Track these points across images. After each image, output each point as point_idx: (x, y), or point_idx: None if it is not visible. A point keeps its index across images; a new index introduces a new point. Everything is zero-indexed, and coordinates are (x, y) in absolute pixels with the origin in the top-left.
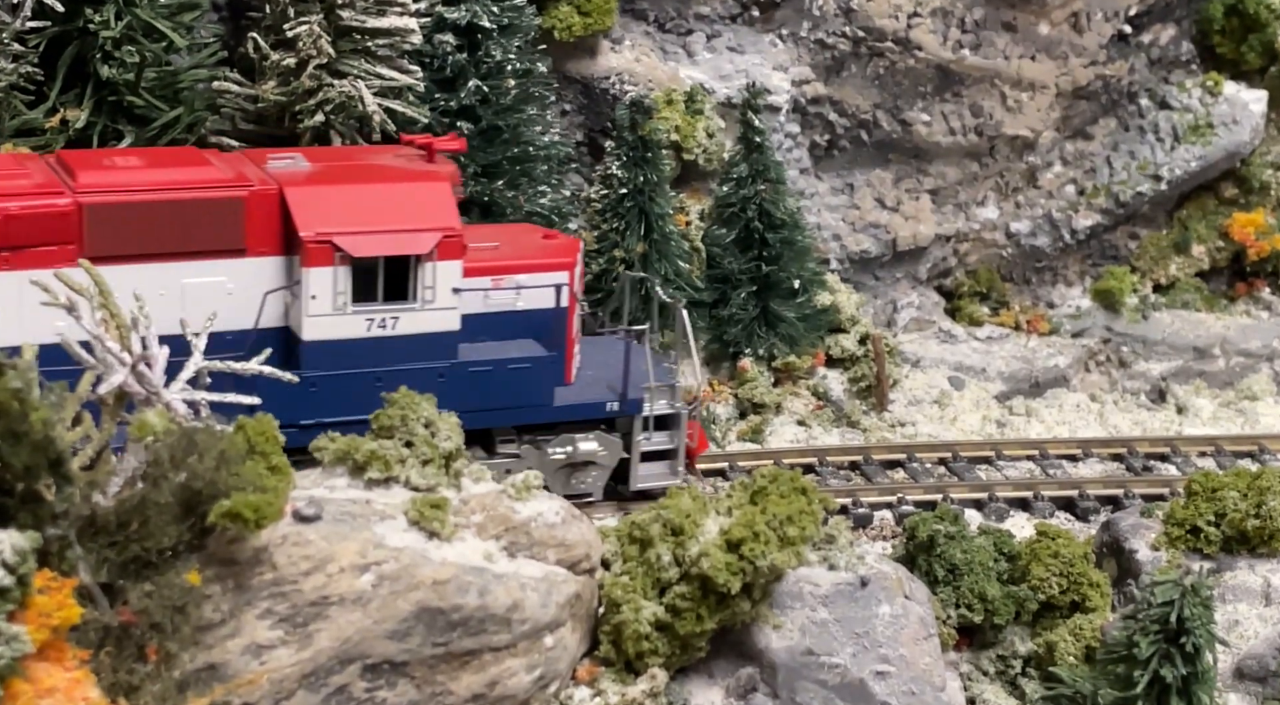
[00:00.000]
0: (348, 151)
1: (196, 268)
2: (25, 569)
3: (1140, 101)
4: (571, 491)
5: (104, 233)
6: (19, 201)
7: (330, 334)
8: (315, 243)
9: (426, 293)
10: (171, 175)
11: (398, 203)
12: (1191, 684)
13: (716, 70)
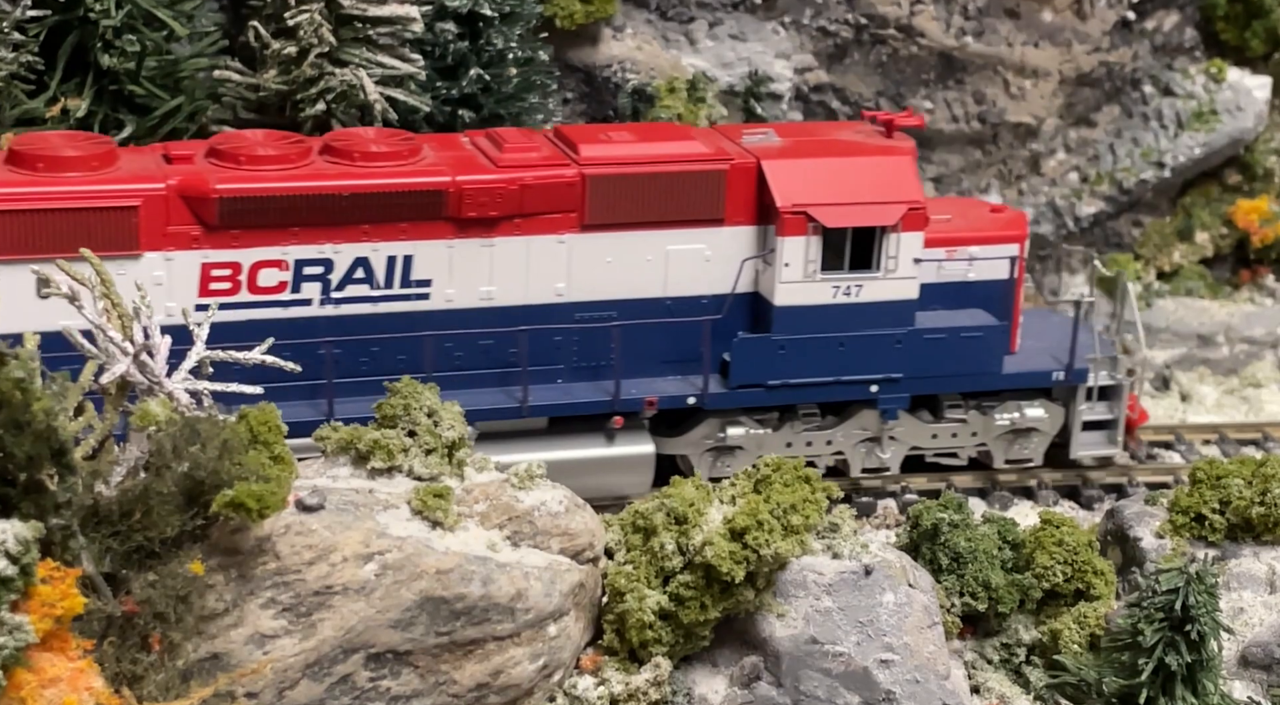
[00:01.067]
0: (813, 127)
1: (679, 236)
2: (28, 559)
3: (1144, 88)
4: (1013, 457)
5: (602, 202)
6: (532, 172)
7: (799, 300)
8: (791, 213)
9: (890, 262)
10: (661, 149)
11: (865, 176)
12: (1196, 672)
13: (719, 58)
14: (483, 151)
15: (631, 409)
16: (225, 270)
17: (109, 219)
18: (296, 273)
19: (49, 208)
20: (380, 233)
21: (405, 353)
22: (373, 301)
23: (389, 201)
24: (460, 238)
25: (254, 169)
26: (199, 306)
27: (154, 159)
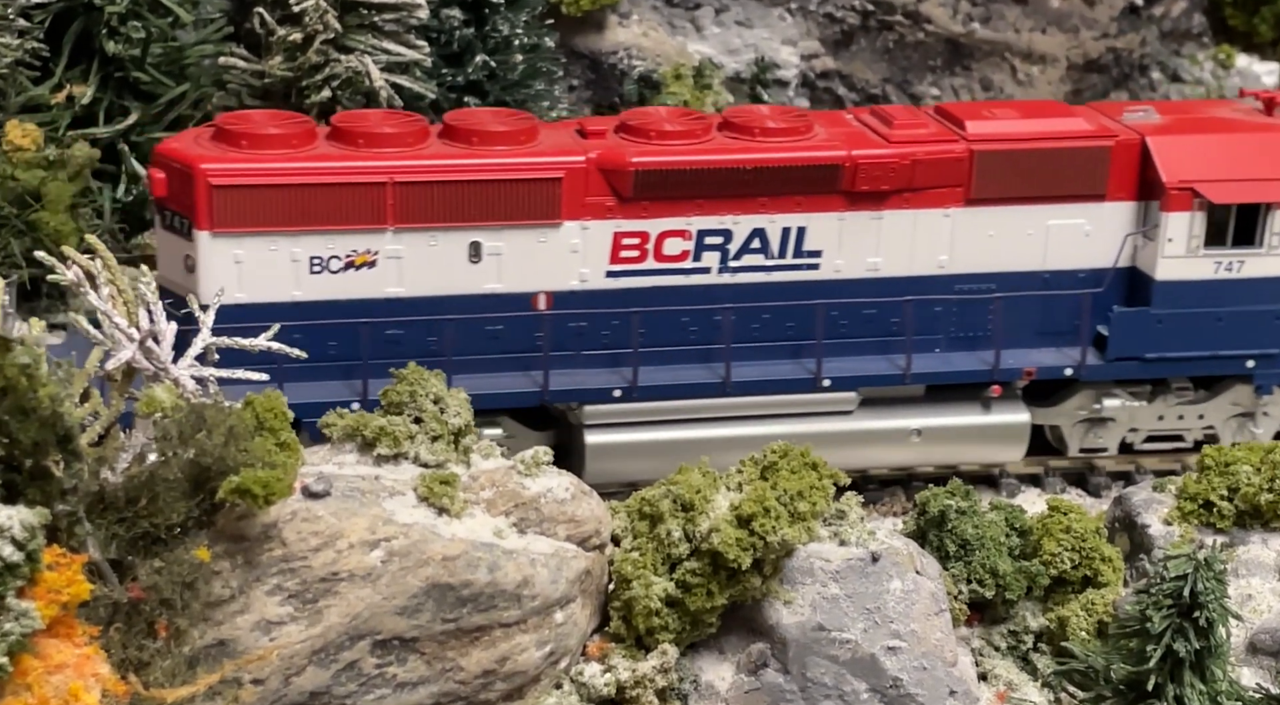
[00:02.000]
0: (1190, 105)
1: (1060, 211)
2: (34, 545)
3: (1151, 74)
4: None
5: (988, 177)
6: (923, 147)
7: (1181, 275)
8: (1177, 189)
9: (1273, 239)
10: (1047, 126)
11: (1250, 152)
12: (1204, 658)
13: (725, 45)
14: (871, 128)
15: (1009, 379)
16: (634, 239)
17: (534, 190)
18: (698, 242)
19: (482, 179)
20: (777, 205)
21: (794, 320)
22: (766, 270)
23: (787, 175)
24: (851, 210)
25: (664, 144)
26: (201, 307)
27: (570, 134)
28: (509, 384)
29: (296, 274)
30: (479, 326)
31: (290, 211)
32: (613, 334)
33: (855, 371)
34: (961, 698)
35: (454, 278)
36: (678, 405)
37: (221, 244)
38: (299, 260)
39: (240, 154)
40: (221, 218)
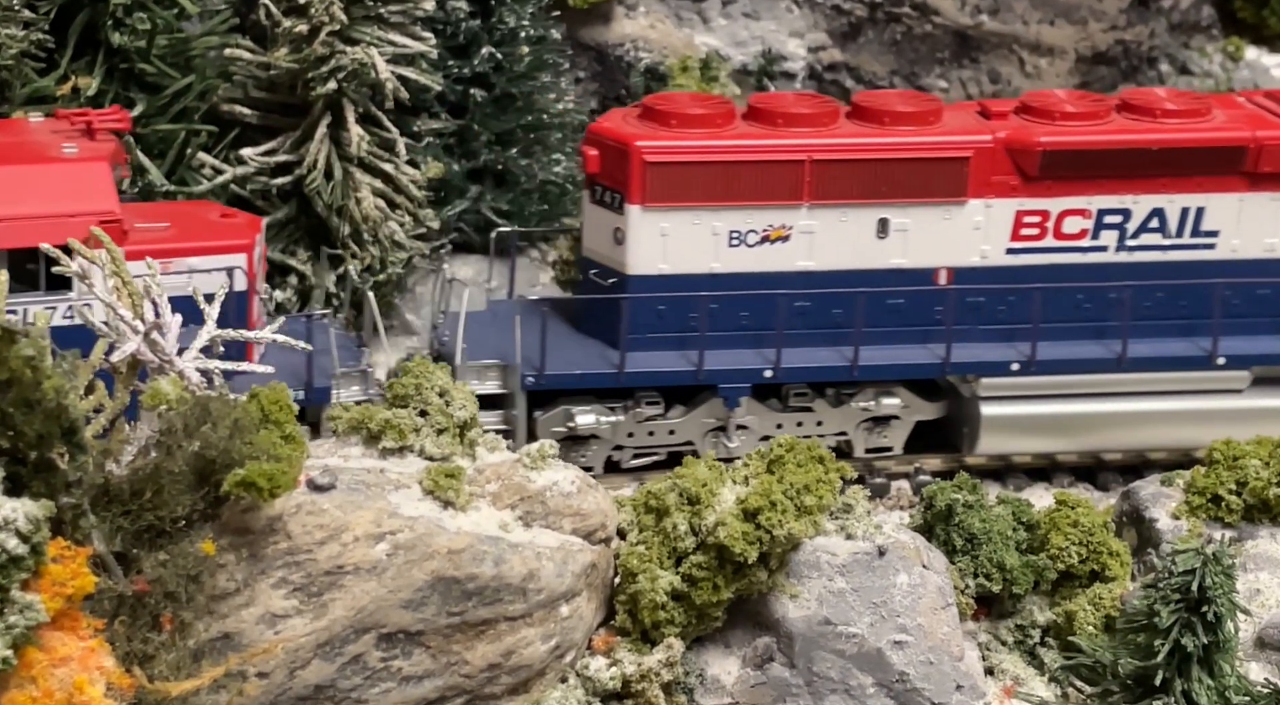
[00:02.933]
0: None
1: None
2: (39, 537)
3: (1160, 67)
4: None
5: None
6: None
7: None
8: None
9: None
10: None
11: None
12: (1212, 653)
13: (732, 37)
14: (1269, 111)
15: None
16: (1035, 217)
17: (942, 168)
18: (1097, 221)
19: (893, 158)
20: (1176, 185)
21: (1186, 300)
22: (1162, 249)
23: (1188, 156)
24: (1251, 191)
25: (1068, 125)
26: (206, 296)
27: (972, 115)
28: (910, 355)
29: (716, 247)
30: (881, 299)
31: (714, 187)
32: (1009, 310)
33: (1250, 350)
34: (968, 692)
35: (861, 253)
36: (1070, 380)
37: (650, 217)
38: (719, 234)
39: (670, 132)
40: (652, 193)
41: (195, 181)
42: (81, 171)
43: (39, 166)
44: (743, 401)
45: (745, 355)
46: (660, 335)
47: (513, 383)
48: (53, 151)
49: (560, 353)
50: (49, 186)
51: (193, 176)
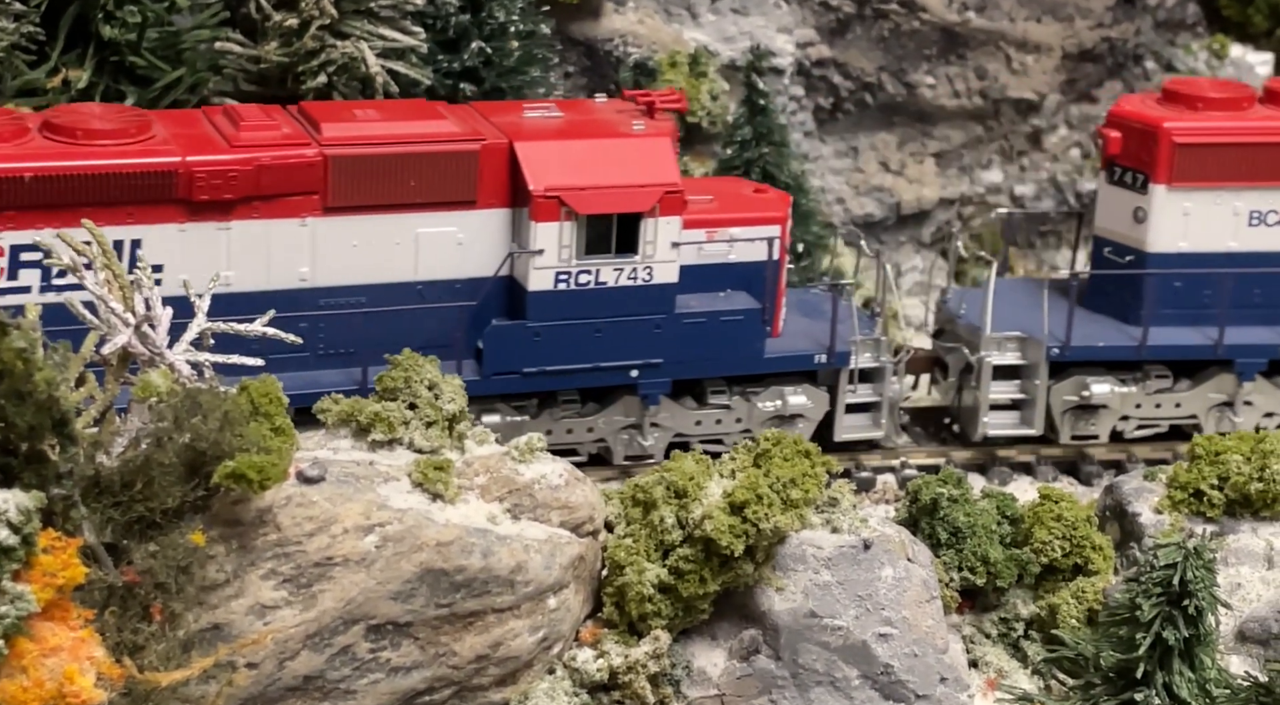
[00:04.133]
0: None
1: None
2: (30, 528)
3: (1146, 64)
4: None
5: None
6: None
7: None
8: None
9: None
10: None
11: None
12: (1194, 646)
13: (720, 32)
14: None
15: None
16: None
17: None
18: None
19: None
20: None
21: None
22: None
23: None
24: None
25: None
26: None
27: None
28: None
29: (1235, 227)
30: None
31: (1236, 168)
32: None
33: None
34: (952, 685)
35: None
36: None
37: (1174, 197)
38: (1239, 214)
39: (1195, 115)
40: (1179, 173)
41: None
42: (649, 146)
43: (612, 141)
44: (1256, 377)
45: (1259, 332)
46: (1174, 311)
47: (1035, 354)
48: (623, 128)
49: (1078, 327)
50: (622, 159)
51: None
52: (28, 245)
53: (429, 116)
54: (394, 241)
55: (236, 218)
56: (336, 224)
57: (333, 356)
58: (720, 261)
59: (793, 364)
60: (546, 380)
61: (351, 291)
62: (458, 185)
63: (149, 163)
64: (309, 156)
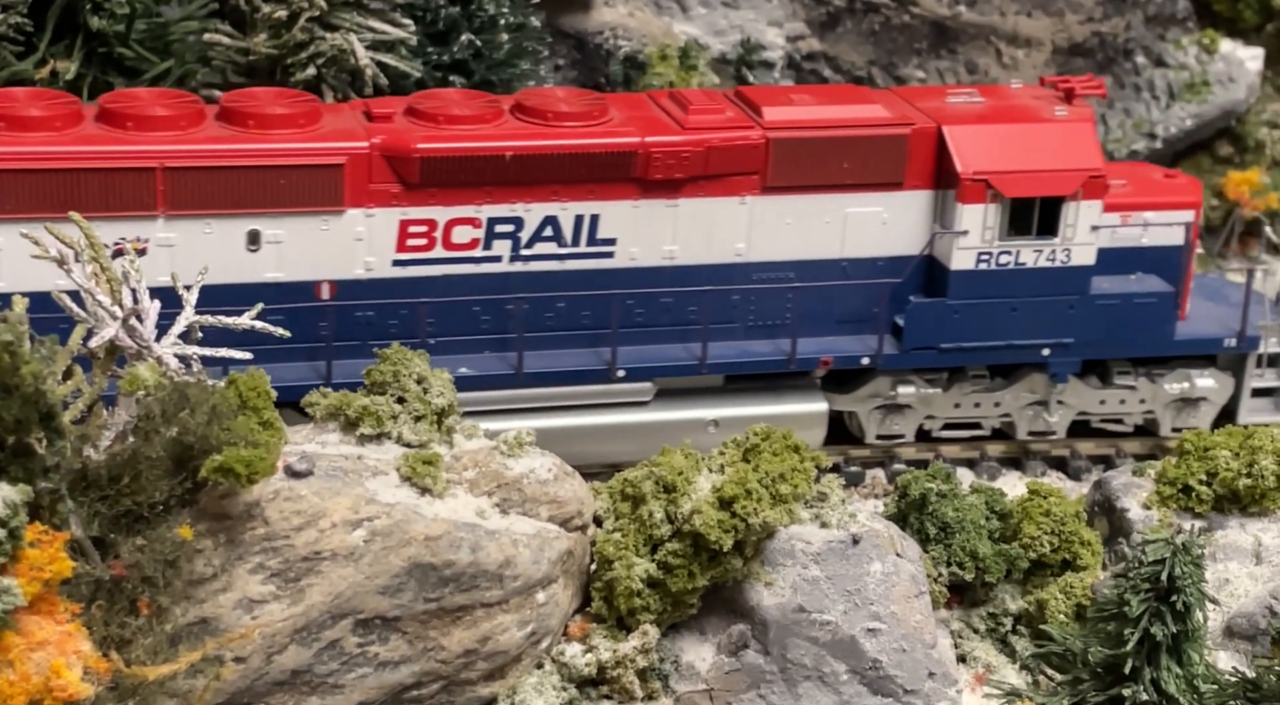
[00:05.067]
0: None
1: None
2: (17, 522)
3: (1136, 59)
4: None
5: None
6: None
7: None
8: None
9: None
10: None
11: None
12: (1181, 642)
13: (711, 25)
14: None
15: None
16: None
17: None
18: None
19: None
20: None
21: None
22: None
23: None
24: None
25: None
26: None
27: None
28: None
29: None
30: None
31: None
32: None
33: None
34: (940, 679)
35: None
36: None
37: None
38: None
39: None
40: None
41: None
42: (1072, 131)
43: (1037, 126)
44: None
45: None
46: None
47: None
48: (1045, 113)
49: None
50: (1046, 144)
51: None
52: (504, 218)
53: (861, 101)
54: (824, 220)
55: (684, 195)
56: (773, 203)
57: (761, 328)
58: (1132, 245)
59: (1202, 347)
60: (962, 356)
61: (782, 267)
62: (887, 167)
63: (612, 143)
64: (753, 139)
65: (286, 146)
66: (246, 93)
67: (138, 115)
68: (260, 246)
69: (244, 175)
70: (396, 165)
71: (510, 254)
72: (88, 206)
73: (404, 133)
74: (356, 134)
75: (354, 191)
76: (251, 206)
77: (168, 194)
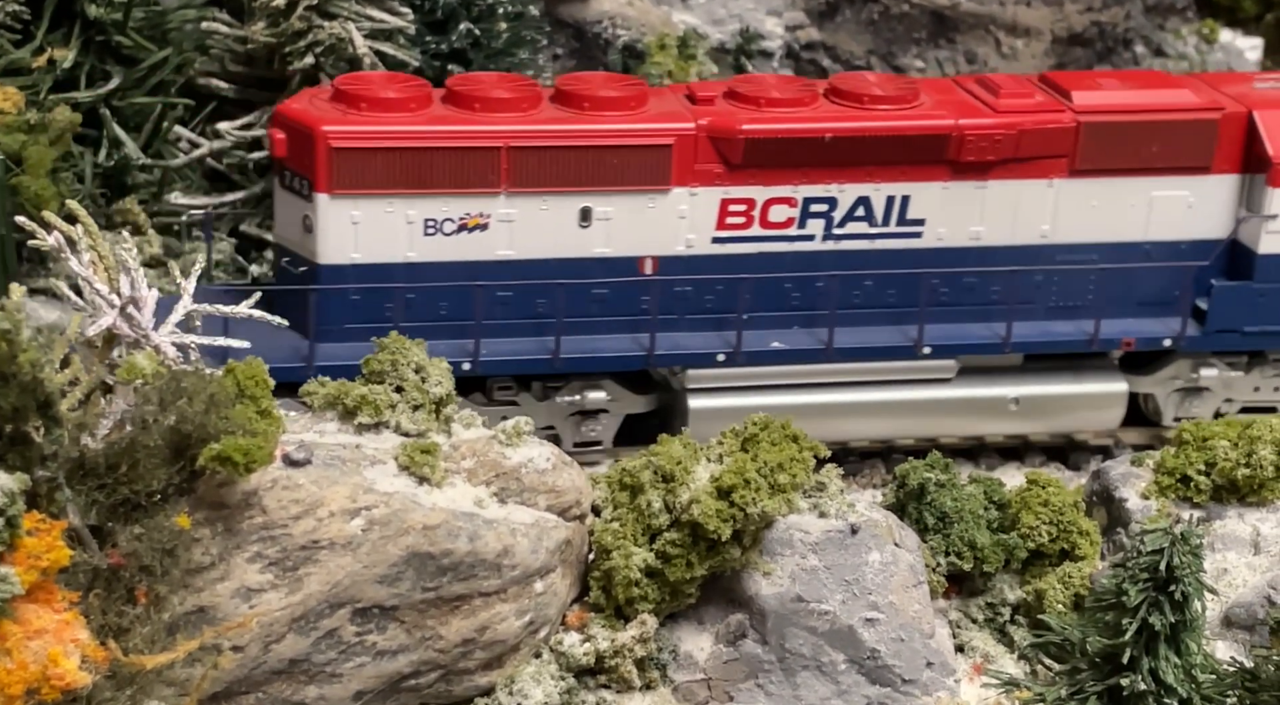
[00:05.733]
0: None
1: None
2: (14, 511)
3: (1135, 48)
4: None
5: None
6: None
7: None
8: None
9: None
10: None
11: None
12: (1180, 631)
13: (710, 15)
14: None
15: None
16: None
17: None
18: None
19: None
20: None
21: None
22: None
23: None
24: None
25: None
26: None
27: None
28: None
29: None
30: None
31: None
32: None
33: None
34: (939, 669)
35: None
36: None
37: None
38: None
39: None
40: None
41: (171, 155)
42: None
43: None
44: None
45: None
46: None
47: None
48: None
49: None
50: None
51: (169, 150)
52: (819, 198)
53: (1169, 85)
54: (1129, 203)
55: (992, 178)
56: (1079, 185)
57: (1062, 308)
58: None
59: None
60: (1266, 339)
61: (1086, 249)
62: (1195, 151)
63: (927, 126)
64: (1064, 122)
65: (619, 127)
66: (579, 77)
67: (484, 97)
68: (591, 223)
69: (579, 155)
70: (721, 146)
71: (823, 233)
72: (438, 183)
73: (729, 115)
74: (683, 116)
75: (680, 171)
76: (584, 184)
77: (510, 172)
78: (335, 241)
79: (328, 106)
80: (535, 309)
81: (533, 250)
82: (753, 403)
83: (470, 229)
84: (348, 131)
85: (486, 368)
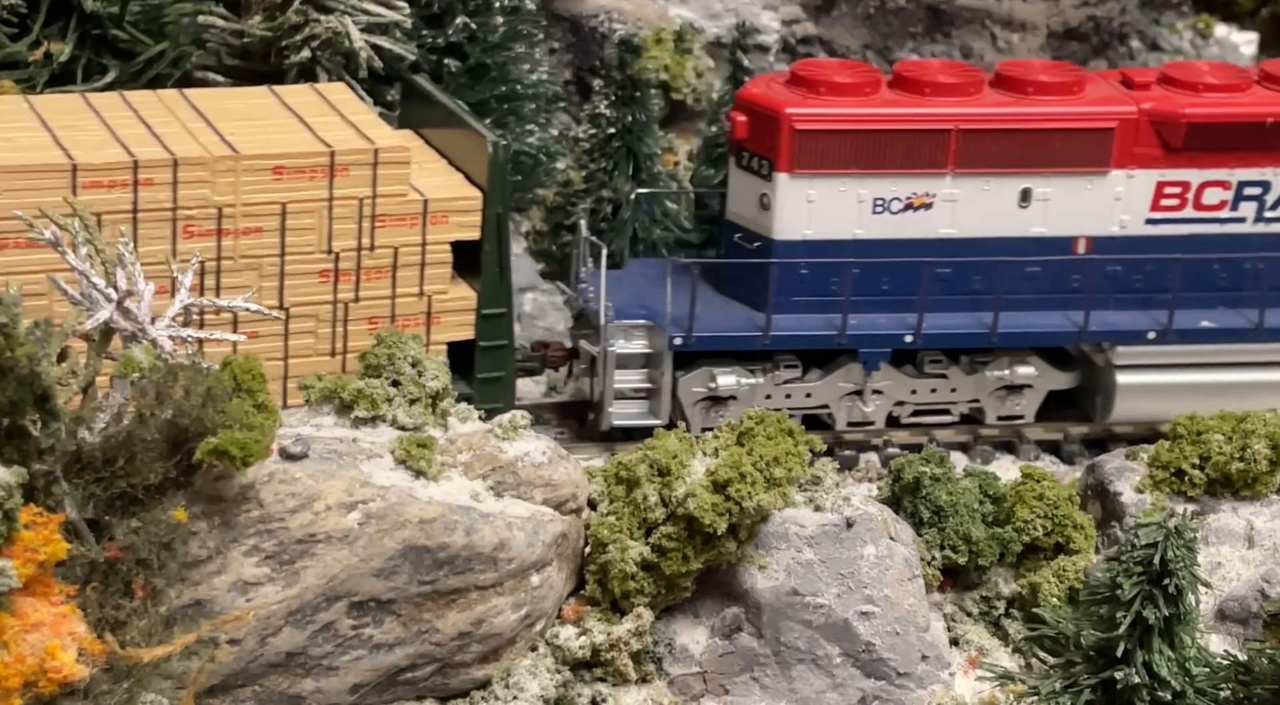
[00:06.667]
0: None
1: None
2: (11, 504)
3: (1131, 43)
4: None
5: None
6: None
7: None
8: None
9: None
10: None
11: None
12: (1174, 625)
13: (706, 9)
14: None
15: None
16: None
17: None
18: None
19: None
20: None
21: None
22: None
23: None
24: None
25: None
26: None
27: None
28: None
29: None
30: None
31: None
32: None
33: None
34: (933, 662)
35: None
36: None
37: None
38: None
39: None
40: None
41: None
42: None
43: None
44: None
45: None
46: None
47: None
48: None
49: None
50: None
51: None
52: (1253, 181)
53: None
54: None
55: None
56: None
57: None
58: None
59: None
60: None
61: None
62: None
63: None
64: None
65: (1062, 111)
66: (1018, 63)
67: (933, 82)
68: (1030, 203)
69: (1022, 138)
70: (1162, 129)
71: (1255, 215)
72: (889, 164)
73: (1169, 99)
74: (1123, 100)
75: (1120, 154)
76: (1025, 166)
77: (957, 154)
78: (791, 218)
79: (786, 91)
80: (971, 285)
81: (973, 229)
82: (1180, 380)
83: (915, 208)
84: (809, 114)
85: (928, 341)
